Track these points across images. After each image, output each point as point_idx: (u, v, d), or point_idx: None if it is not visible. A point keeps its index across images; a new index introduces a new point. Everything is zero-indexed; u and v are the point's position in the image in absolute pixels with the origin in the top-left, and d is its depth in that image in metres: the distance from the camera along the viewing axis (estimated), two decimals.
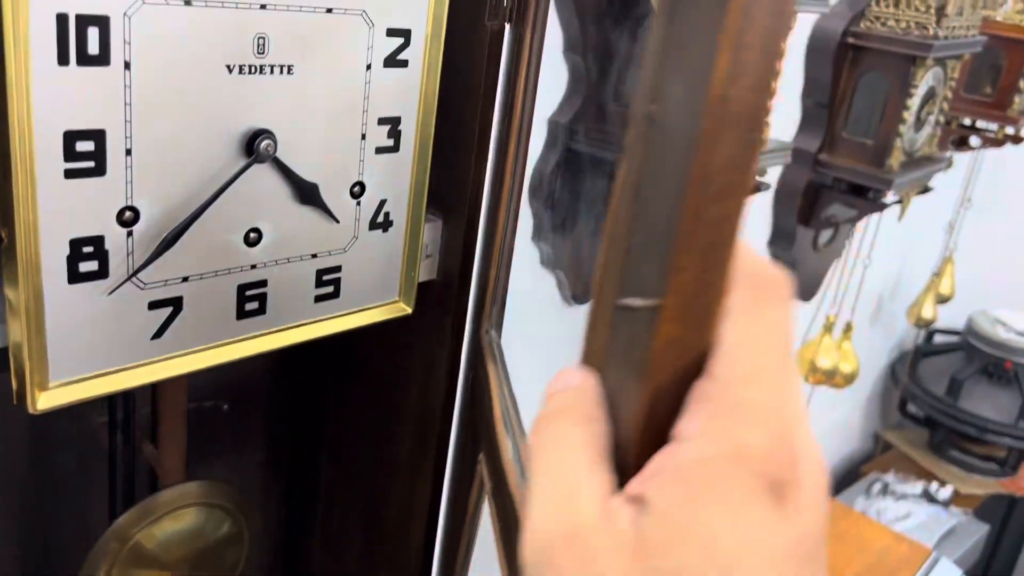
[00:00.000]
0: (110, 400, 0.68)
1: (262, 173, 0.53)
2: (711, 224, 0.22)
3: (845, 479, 2.51)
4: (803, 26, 1.45)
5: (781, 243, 1.69)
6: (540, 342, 1.28)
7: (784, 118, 1.52)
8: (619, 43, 1.14)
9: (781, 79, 1.10)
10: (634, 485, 0.25)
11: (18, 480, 0.71)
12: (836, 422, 2.46)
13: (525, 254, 1.25)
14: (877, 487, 2.36)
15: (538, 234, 1.24)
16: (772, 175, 1.58)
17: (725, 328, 0.26)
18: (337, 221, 0.58)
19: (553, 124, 1.19)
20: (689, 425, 0.25)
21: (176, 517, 0.69)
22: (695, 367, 0.24)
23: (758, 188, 1.21)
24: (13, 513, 0.72)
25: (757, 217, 1.65)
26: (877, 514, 2.24)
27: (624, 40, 1.14)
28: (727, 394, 0.25)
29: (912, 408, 2.58)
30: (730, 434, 0.24)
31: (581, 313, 1.42)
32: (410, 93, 0.59)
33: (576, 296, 1.36)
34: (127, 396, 0.68)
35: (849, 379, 1.83)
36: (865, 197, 1.54)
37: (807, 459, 0.26)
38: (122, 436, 0.69)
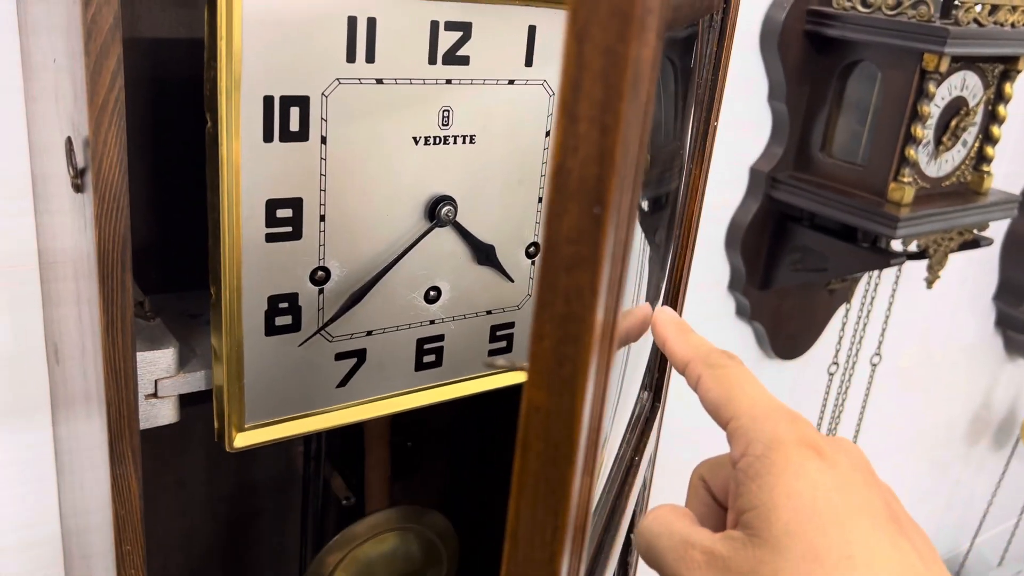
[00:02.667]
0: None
1: (442, 236, 0.56)
2: (564, 295, 0.22)
3: None
4: None
5: (1008, 298, 1.55)
6: None
7: (1009, 165, 1.40)
8: (825, 91, 1.10)
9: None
10: None
11: (223, 499, 0.79)
12: None
13: (720, 305, 1.23)
14: None
15: (736, 285, 1.22)
16: (995, 229, 1.46)
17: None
18: (511, 280, 0.61)
19: (754, 173, 1.17)
20: None
21: (380, 540, 0.76)
22: (566, 443, 0.24)
23: (977, 243, 1.12)
24: (216, 530, 0.80)
25: (982, 270, 1.53)
26: None
27: (831, 88, 1.10)
28: None
29: None
30: None
31: (781, 367, 1.37)
32: None
33: (776, 350, 1.31)
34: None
35: None
36: None
37: None
38: (314, 465, 0.74)
